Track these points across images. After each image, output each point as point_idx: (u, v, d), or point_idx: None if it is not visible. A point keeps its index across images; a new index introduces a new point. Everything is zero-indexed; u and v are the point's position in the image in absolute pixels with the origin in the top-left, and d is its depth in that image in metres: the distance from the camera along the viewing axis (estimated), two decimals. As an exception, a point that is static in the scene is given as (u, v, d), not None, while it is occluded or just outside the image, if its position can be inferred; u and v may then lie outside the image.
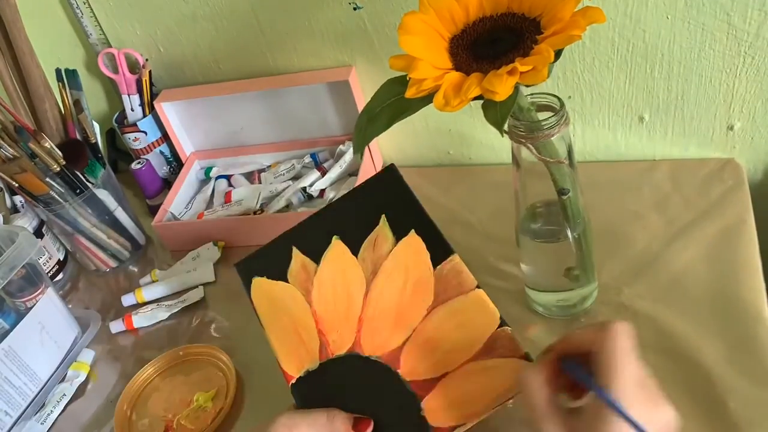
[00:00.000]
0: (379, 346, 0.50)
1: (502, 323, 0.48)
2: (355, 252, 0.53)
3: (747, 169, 0.74)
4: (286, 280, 0.54)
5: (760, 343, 0.55)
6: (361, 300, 0.52)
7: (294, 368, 0.52)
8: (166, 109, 0.86)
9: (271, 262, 0.55)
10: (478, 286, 0.49)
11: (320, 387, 0.51)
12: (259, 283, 0.55)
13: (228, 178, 0.90)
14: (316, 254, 0.54)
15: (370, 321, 0.51)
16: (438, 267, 0.51)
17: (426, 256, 0.51)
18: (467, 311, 0.49)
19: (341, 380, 0.50)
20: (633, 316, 0.60)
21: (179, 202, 0.87)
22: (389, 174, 0.54)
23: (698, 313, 0.59)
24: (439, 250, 0.51)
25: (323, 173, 0.83)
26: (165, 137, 0.90)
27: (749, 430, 0.50)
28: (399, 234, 0.52)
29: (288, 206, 0.82)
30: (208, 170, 0.91)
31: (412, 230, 0.52)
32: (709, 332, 0.57)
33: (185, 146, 0.91)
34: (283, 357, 0.52)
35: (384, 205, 0.54)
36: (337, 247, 0.54)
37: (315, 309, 0.53)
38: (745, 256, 0.63)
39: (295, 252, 0.55)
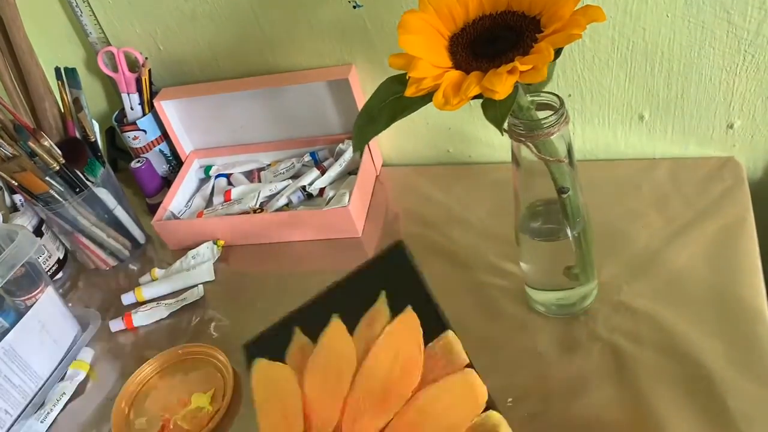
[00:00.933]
0: (360, 429, 0.48)
1: (489, 407, 0.45)
2: (351, 330, 0.51)
3: (747, 168, 0.74)
4: (284, 360, 0.53)
5: (760, 341, 0.55)
6: (350, 381, 0.49)
7: None
8: (166, 108, 0.86)
9: (273, 343, 0.54)
10: (469, 365, 0.47)
11: None
12: (261, 365, 0.54)
13: (227, 176, 0.90)
14: (315, 334, 0.52)
15: (355, 404, 0.49)
16: (429, 345, 0.48)
17: (419, 333, 0.49)
18: (452, 393, 0.46)
19: None
20: (632, 314, 0.60)
21: (179, 200, 0.87)
22: (396, 250, 0.52)
23: (698, 311, 0.59)
24: (433, 326, 0.48)
25: (323, 172, 0.83)
26: (164, 136, 0.90)
27: (749, 427, 0.50)
28: (396, 311, 0.50)
29: (288, 205, 0.82)
30: (207, 169, 0.91)
31: (409, 306, 0.50)
32: (709, 330, 0.57)
33: (185, 145, 0.91)
34: None
35: (386, 281, 0.52)
36: (334, 327, 0.52)
37: (305, 392, 0.51)
38: (745, 255, 0.63)
39: (297, 332, 0.53)
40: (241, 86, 0.83)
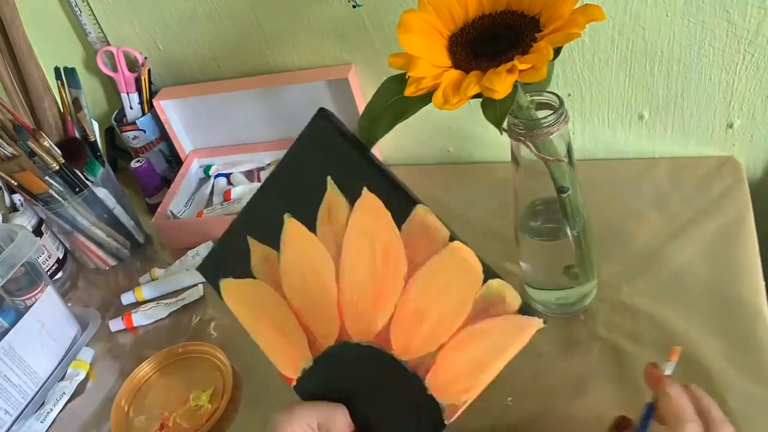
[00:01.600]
0: (366, 331, 0.45)
1: (488, 276, 0.42)
2: (312, 228, 0.46)
3: (746, 167, 0.74)
4: (253, 276, 0.49)
5: (759, 340, 0.55)
6: (335, 284, 0.46)
7: (290, 370, 0.48)
8: (165, 107, 0.86)
9: (231, 259, 0.50)
10: (452, 238, 0.42)
11: (321, 383, 0.48)
12: (228, 286, 0.50)
13: (227, 176, 0.90)
14: (273, 240, 0.47)
15: (350, 305, 0.46)
16: (403, 226, 0.43)
17: (387, 216, 0.44)
18: (445, 272, 0.43)
19: (340, 372, 0.47)
20: (632, 313, 0.60)
21: (178, 200, 0.87)
22: (321, 122, 0.46)
23: (697, 310, 0.59)
24: (399, 204, 0.44)
25: None
26: (164, 136, 0.90)
27: (748, 427, 0.50)
28: (351, 196, 0.45)
29: None
30: (207, 168, 0.91)
31: (364, 188, 0.44)
32: (708, 330, 0.57)
33: (184, 144, 0.91)
34: (277, 361, 0.49)
35: (326, 163, 0.46)
36: (292, 227, 0.47)
37: (291, 303, 0.48)
38: (745, 254, 0.63)
39: (252, 242, 0.48)
40: (241, 86, 0.83)
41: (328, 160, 0.45)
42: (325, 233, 0.46)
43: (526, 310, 0.42)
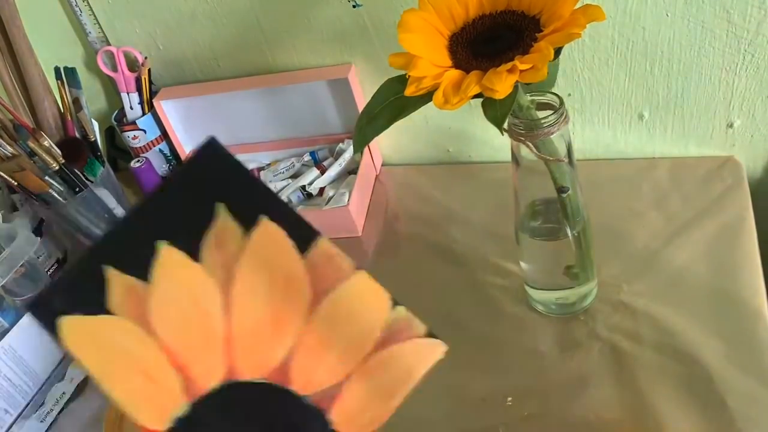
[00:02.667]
0: (260, 366, 0.41)
1: (394, 303, 0.40)
2: (195, 257, 0.41)
3: (746, 167, 0.74)
4: (109, 312, 0.41)
5: (759, 340, 0.55)
6: (221, 315, 0.42)
7: (156, 420, 0.41)
8: (165, 107, 0.86)
9: (79, 292, 0.42)
10: (358, 268, 0.41)
11: None
12: (72, 324, 0.41)
13: None
14: (141, 270, 0.40)
15: (242, 339, 0.41)
16: (306, 255, 0.41)
17: (288, 245, 0.41)
18: (353, 299, 0.41)
19: (226, 418, 0.41)
20: (632, 313, 0.60)
21: None
22: (211, 151, 0.41)
23: (698, 310, 0.59)
24: (301, 235, 0.41)
25: (322, 171, 0.83)
26: (164, 135, 0.90)
27: (748, 427, 0.50)
28: (247, 224, 0.41)
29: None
30: None
31: (265, 216, 0.41)
32: (709, 330, 0.57)
33: (185, 145, 0.91)
34: (137, 411, 0.41)
35: (216, 191, 0.42)
36: (169, 256, 0.41)
37: (163, 340, 0.41)
38: (745, 254, 0.63)
39: (112, 273, 0.41)
40: (241, 85, 0.83)
41: (219, 188, 0.41)
42: (213, 262, 0.41)
43: (431, 334, 0.40)
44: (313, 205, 0.81)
